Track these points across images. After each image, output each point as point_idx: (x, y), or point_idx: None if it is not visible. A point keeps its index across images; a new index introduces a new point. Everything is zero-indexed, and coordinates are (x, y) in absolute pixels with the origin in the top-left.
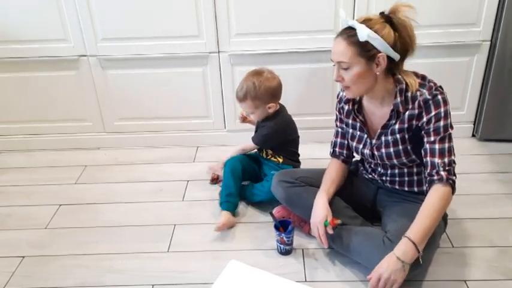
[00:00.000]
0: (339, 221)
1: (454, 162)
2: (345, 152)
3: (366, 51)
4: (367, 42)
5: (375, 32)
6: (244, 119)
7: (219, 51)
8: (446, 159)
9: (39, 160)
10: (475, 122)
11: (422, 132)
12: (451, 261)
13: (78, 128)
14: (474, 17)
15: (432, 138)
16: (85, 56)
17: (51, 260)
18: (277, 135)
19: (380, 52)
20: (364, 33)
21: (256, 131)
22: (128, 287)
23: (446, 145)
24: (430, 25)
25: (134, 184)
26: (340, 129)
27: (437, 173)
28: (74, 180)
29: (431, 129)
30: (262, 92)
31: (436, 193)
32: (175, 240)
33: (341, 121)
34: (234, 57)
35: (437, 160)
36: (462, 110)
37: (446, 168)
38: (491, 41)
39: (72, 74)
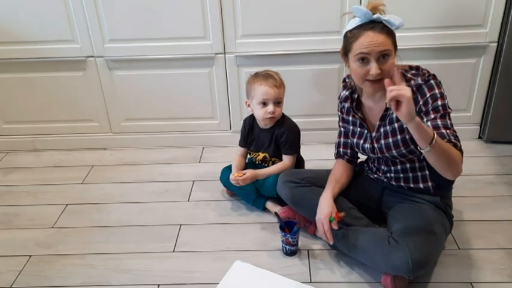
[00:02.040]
0: (343, 214)
1: (458, 138)
2: (349, 151)
3: (395, 40)
4: (393, 32)
5: None
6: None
7: (225, 53)
8: (452, 132)
9: (46, 160)
10: (481, 123)
11: (422, 114)
12: (457, 263)
13: (85, 128)
14: (481, 19)
15: (432, 116)
16: (92, 57)
17: (57, 259)
18: (298, 130)
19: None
20: (399, 21)
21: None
22: (134, 287)
23: (449, 122)
24: (437, 26)
25: (140, 184)
26: (343, 129)
27: (450, 141)
28: (80, 180)
29: (430, 109)
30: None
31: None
32: (181, 240)
33: (343, 120)
34: (240, 59)
35: (444, 131)
36: (469, 112)
37: (456, 137)
38: (498, 42)
39: (79, 74)
